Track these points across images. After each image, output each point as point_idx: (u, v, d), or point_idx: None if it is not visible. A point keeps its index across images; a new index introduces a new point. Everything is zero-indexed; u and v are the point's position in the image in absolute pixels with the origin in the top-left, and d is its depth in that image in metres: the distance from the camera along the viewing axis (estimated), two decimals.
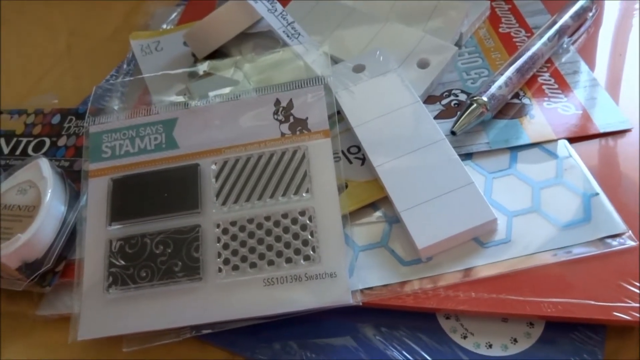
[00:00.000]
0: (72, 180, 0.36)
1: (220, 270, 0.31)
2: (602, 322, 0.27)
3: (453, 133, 0.34)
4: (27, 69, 0.51)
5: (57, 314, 0.34)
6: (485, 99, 0.34)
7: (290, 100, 0.36)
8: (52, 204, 0.34)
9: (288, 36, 0.41)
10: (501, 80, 0.36)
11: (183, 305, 0.30)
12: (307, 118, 0.35)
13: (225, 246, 0.31)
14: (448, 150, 0.32)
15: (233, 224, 0.32)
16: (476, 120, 0.34)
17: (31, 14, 0.56)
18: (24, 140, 0.40)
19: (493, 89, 0.35)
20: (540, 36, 0.38)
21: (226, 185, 0.33)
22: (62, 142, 0.39)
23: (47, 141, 0.40)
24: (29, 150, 0.39)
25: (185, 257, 0.31)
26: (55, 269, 0.34)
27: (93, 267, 0.32)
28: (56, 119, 0.41)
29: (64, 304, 0.34)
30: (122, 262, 0.31)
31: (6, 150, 0.40)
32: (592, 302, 0.27)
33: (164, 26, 0.51)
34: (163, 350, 0.30)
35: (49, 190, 0.34)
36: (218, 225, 0.32)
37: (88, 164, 0.35)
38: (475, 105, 0.34)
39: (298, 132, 0.34)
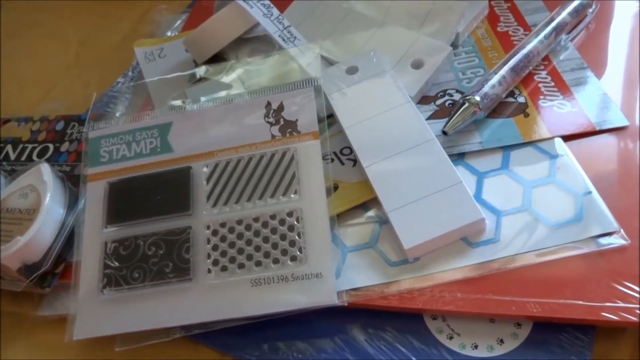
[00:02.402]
0: (73, 184, 0.37)
1: (209, 271, 0.31)
2: (590, 323, 0.27)
3: (444, 133, 0.34)
4: (38, 78, 0.53)
5: (57, 314, 0.34)
6: (477, 98, 0.34)
7: (281, 102, 0.36)
8: (52, 207, 0.35)
9: (284, 40, 0.42)
10: (495, 79, 0.35)
11: (174, 306, 0.31)
12: (296, 120, 0.35)
13: (215, 247, 0.32)
14: (438, 151, 0.32)
15: (223, 225, 0.32)
16: (468, 119, 0.34)
17: (43, 27, 0.58)
18: (30, 146, 0.41)
19: (486, 87, 0.35)
20: (537, 34, 0.38)
21: (217, 187, 0.34)
22: (64, 147, 0.40)
23: (51, 147, 0.41)
24: (34, 156, 0.41)
25: (176, 258, 0.32)
26: (54, 270, 0.35)
27: (89, 269, 0.33)
28: (60, 126, 0.42)
29: (63, 304, 0.35)
30: (116, 264, 0.32)
31: (13, 157, 0.41)
32: (581, 302, 0.27)
33: (169, 33, 0.52)
34: (154, 350, 0.31)
35: (48, 194, 0.35)
36: (208, 227, 0.32)
37: (87, 168, 0.36)
38: (467, 104, 0.34)
39: (288, 134, 0.35)
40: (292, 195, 0.32)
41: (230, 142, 0.35)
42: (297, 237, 0.31)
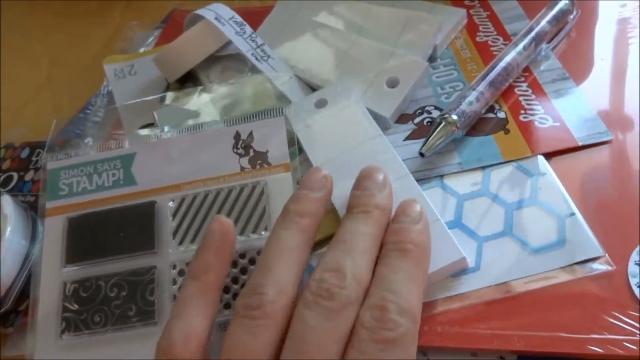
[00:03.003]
0: (37, 214, 0.36)
1: None
2: (576, 357, 0.25)
3: (422, 154, 0.33)
4: (7, 102, 0.51)
5: (21, 354, 0.33)
6: (454, 117, 0.33)
7: (251, 132, 0.34)
8: (13, 241, 0.33)
9: (257, 59, 0.40)
10: (472, 95, 0.34)
11: (137, 352, 0.29)
12: (267, 151, 0.33)
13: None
14: (413, 187, 0.30)
15: (189, 264, 0.30)
16: (446, 139, 0.33)
17: (12, 46, 0.56)
18: None
19: (463, 105, 0.33)
20: (515, 45, 0.36)
21: (183, 223, 0.32)
22: (29, 176, 0.39)
23: (15, 176, 0.39)
24: None
25: (140, 300, 0.30)
26: (17, 308, 0.33)
27: (47, 311, 0.31)
28: (25, 153, 0.40)
29: (27, 339, 0.33)
30: (76, 306, 0.30)
31: None
32: (566, 335, 0.25)
33: (141, 50, 0.51)
34: None
35: (9, 227, 0.33)
36: (174, 266, 0.31)
37: (45, 200, 0.35)
38: (444, 123, 0.33)
39: (258, 166, 0.33)
40: (262, 233, 0.31)
41: (197, 174, 0.33)
42: None
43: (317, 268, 0.24)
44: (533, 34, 0.37)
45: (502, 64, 0.35)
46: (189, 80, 0.43)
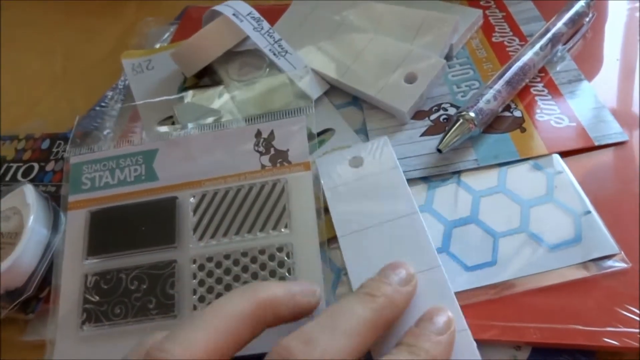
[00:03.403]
0: (58, 204, 0.36)
1: (195, 308, 0.30)
2: (591, 349, 0.26)
3: (439, 151, 0.33)
4: (23, 94, 0.51)
5: (42, 339, 0.33)
6: (472, 114, 0.33)
7: (272, 131, 0.35)
8: (35, 230, 0.34)
9: (274, 54, 0.41)
10: (490, 93, 0.34)
11: None
12: (287, 150, 0.34)
13: (201, 283, 0.30)
14: (442, 282, 0.27)
15: (210, 259, 0.31)
16: (463, 136, 0.33)
17: (27, 41, 0.57)
18: (14, 166, 0.40)
19: (481, 103, 0.34)
20: (532, 45, 0.37)
21: (204, 219, 0.32)
22: (50, 167, 0.39)
23: (36, 166, 0.40)
24: (19, 176, 0.40)
25: (159, 294, 0.30)
26: (38, 295, 0.34)
27: (68, 303, 0.31)
28: (46, 144, 0.41)
29: (48, 329, 0.33)
30: (97, 298, 0.31)
31: None
32: (581, 327, 0.26)
33: (157, 46, 0.51)
34: None
35: (31, 217, 0.34)
36: (194, 261, 0.31)
37: (67, 190, 0.35)
38: (462, 121, 0.33)
39: (278, 164, 0.33)
40: (282, 230, 0.31)
41: (218, 171, 0.34)
42: (287, 274, 0.30)
43: (289, 335, 0.22)
44: (550, 35, 0.37)
45: (519, 64, 0.36)
46: (205, 76, 0.44)
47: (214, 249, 0.31)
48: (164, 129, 0.38)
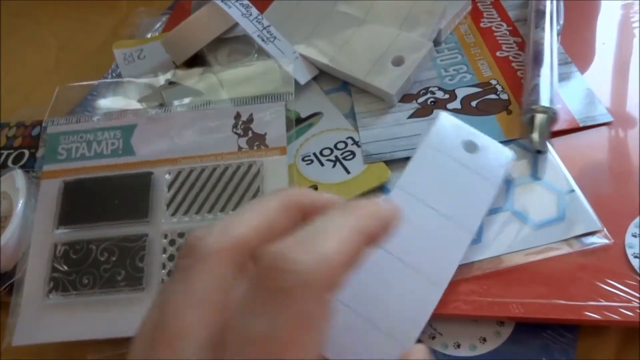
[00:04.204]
0: None
1: (163, 281, 0.30)
2: (573, 323, 0.26)
3: (539, 152, 0.32)
4: (17, 85, 0.52)
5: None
6: (547, 104, 0.32)
7: (251, 114, 0.35)
8: (25, 215, 0.34)
9: (263, 40, 0.41)
10: (544, 81, 0.33)
11: (123, 316, 0.30)
12: (265, 134, 0.34)
13: (171, 258, 0.31)
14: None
15: (181, 235, 0.31)
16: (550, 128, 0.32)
17: (21, 33, 0.57)
18: (5, 152, 0.40)
19: (545, 91, 0.33)
20: (541, 26, 0.37)
21: (178, 195, 0.33)
22: (40, 153, 0.39)
23: (27, 153, 0.40)
24: (9, 162, 0.40)
25: (129, 266, 0.31)
26: None
27: (36, 271, 0.31)
28: (36, 131, 0.41)
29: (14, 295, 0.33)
30: (65, 268, 0.31)
31: None
32: (563, 302, 0.26)
33: (149, 36, 0.51)
34: None
35: (21, 201, 0.34)
36: (165, 236, 0.31)
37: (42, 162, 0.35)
38: (547, 115, 0.32)
39: (255, 147, 0.34)
40: None
41: (195, 150, 0.34)
42: None
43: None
44: (549, 10, 0.37)
45: (545, 45, 0.35)
46: (196, 64, 0.44)
47: (186, 225, 0.32)
48: (141, 105, 0.38)
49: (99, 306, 0.30)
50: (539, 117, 0.31)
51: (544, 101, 0.32)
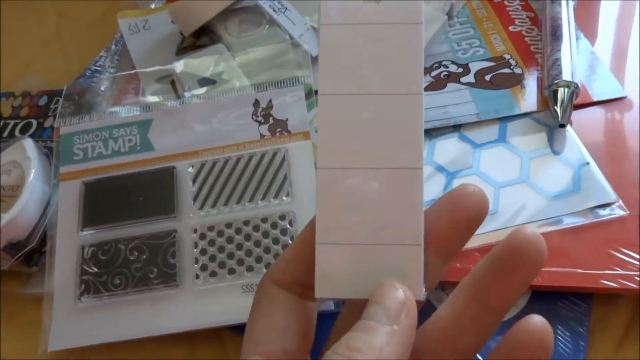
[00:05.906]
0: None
1: (197, 276, 0.30)
2: (589, 291, 0.27)
3: (562, 125, 0.32)
4: (17, 53, 0.50)
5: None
6: (569, 78, 0.32)
7: (270, 100, 0.34)
8: (36, 184, 0.34)
9: (274, 11, 0.40)
10: (564, 55, 0.33)
11: (159, 314, 0.29)
12: (287, 119, 0.34)
13: (203, 252, 0.30)
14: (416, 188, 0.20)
15: (211, 228, 0.31)
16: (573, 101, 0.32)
17: (19, 1, 0.55)
18: (12, 122, 0.40)
19: (565, 66, 0.33)
20: (557, 3, 0.37)
21: (203, 188, 0.32)
22: (48, 123, 0.39)
23: (34, 122, 0.39)
24: (16, 132, 0.39)
25: (161, 263, 0.30)
26: (41, 248, 0.34)
27: (65, 275, 0.31)
28: (43, 101, 0.40)
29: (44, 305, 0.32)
30: (95, 269, 0.31)
31: None
32: (579, 271, 0.27)
33: (152, 6, 0.51)
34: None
35: (32, 170, 0.34)
36: (195, 230, 0.31)
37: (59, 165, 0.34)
38: (571, 88, 0.32)
39: (278, 134, 0.33)
40: (284, 198, 0.31)
41: (216, 141, 0.33)
42: (290, 241, 0.30)
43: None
44: None
45: (563, 20, 0.35)
46: (204, 35, 0.43)
47: (215, 218, 0.31)
48: (157, 98, 0.37)
49: (133, 306, 0.29)
50: (562, 91, 0.32)
51: (566, 75, 0.32)
